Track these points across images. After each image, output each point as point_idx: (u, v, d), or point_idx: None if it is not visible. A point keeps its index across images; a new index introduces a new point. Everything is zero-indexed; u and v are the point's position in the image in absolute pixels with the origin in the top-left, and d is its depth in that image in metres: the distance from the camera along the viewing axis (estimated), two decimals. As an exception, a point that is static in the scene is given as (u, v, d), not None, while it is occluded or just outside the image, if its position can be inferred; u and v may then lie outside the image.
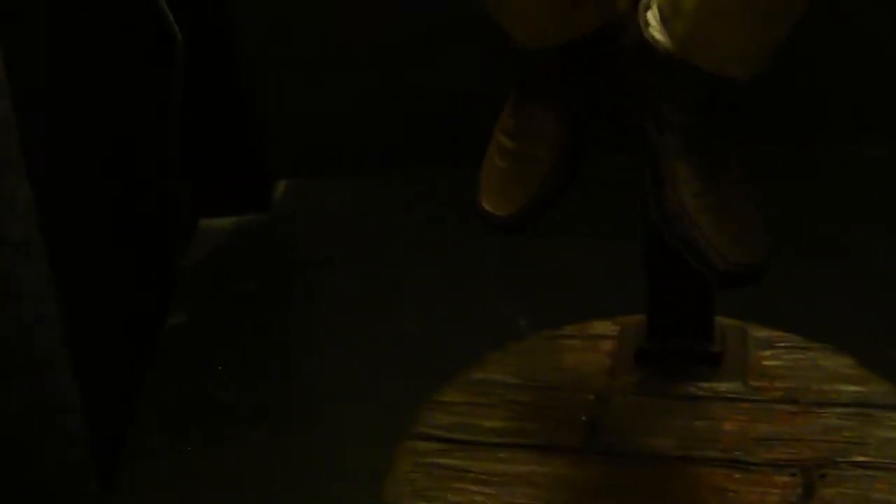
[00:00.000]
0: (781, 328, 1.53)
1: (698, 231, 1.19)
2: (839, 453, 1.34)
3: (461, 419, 1.45)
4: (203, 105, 1.89)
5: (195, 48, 1.83)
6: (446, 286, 1.76)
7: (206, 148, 1.92)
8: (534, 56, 1.26)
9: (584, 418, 1.43)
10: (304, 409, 1.57)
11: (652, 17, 1.20)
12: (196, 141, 1.89)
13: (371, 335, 1.67)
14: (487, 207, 1.32)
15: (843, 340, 1.51)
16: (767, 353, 1.51)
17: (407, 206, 1.95)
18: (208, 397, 1.59)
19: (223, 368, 1.64)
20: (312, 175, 2.02)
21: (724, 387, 1.45)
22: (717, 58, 1.15)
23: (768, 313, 1.55)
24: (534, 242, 1.61)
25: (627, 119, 1.25)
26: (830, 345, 1.50)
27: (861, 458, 1.33)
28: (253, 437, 1.51)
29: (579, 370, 1.51)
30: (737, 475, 1.32)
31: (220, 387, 1.61)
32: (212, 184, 1.95)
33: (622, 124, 1.26)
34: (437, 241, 1.82)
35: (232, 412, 1.57)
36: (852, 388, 1.44)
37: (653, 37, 1.20)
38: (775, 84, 1.31)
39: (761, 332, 1.53)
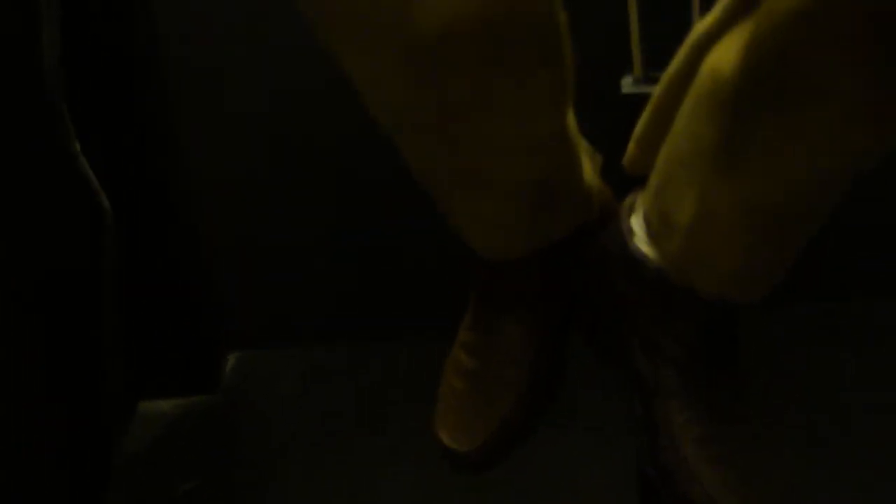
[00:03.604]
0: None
1: (700, 488, 0.97)
2: None
3: None
4: (142, 275, 1.68)
5: (132, 216, 1.63)
6: (413, 485, 1.54)
7: (145, 320, 1.71)
8: (500, 267, 1.04)
9: None
10: None
11: (637, 225, 0.99)
12: (133, 313, 1.68)
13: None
14: (447, 441, 1.09)
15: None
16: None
17: (367, 382, 1.74)
18: None
19: None
20: (265, 347, 1.81)
21: None
22: (717, 280, 0.94)
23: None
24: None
25: (613, 343, 1.03)
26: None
27: None
28: None
29: None
30: None
31: None
32: (151, 361, 1.73)
33: (606, 350, 1.04)
34: (402, 426, 1.60)
35: None
36: None
37: (639, 249, 0.98)
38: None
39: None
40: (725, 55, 0.83)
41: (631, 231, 0.99)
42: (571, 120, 0.96)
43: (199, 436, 1.70)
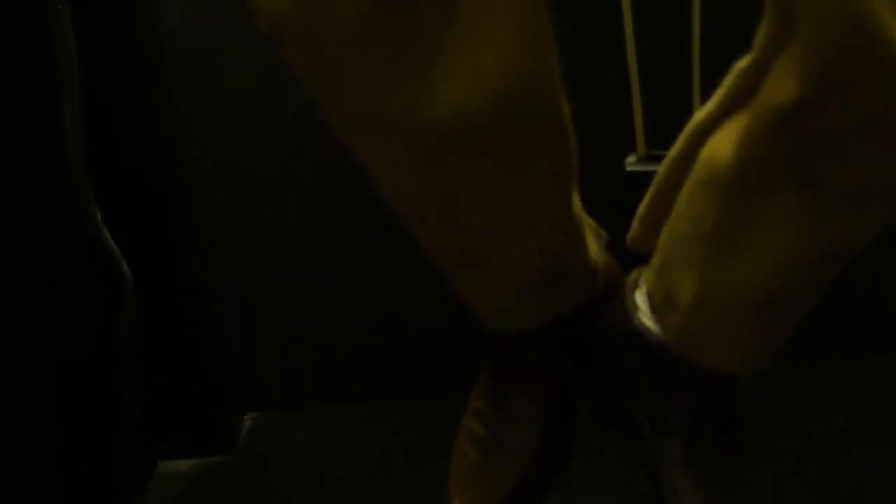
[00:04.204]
0: None
1: (704, 555, 1.00)
2: None
3: None
4: (160, 338, 1.71)
5: (150, 281, 1.67)
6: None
7: (162, 382, 1.74)
8: (509, 339, 1.08)
9: None
10: None
11: (641, 300, 1.02)
12: (151, 375, 1.72)
13: None
14: (457, 505, 1.12)
15: None
16: None
17: (383, 441, 1.76)
18: None
19: None
20: (281, 407, 1.84)
21: None
22: (717, 355, 0.97)
23: None
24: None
25: (619, 412, 1.06)
26: None
27: None
28: None
29: None
30: None
31: None
32: (169, 422, 1.76)
33: (612, 419, 1.07)
34: (420, 485, 1.62)
35: None
36: None
37: (642, 323, 1.01)
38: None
39: None
40: (723, 143, 0.87)
41: (635, 306, 1.03)
42: (576, 200, 0.99)
43: (218, 495, 1.73)
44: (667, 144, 1.00)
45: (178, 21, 1.75)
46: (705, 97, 0.95)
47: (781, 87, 0.78)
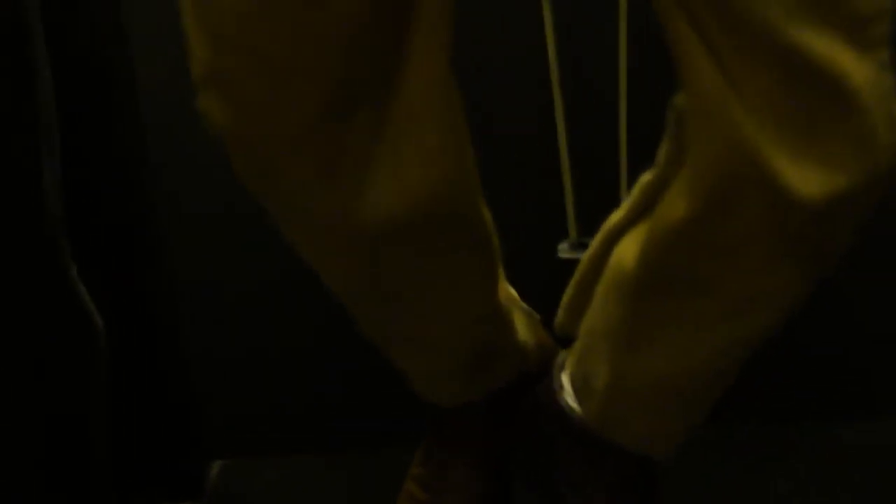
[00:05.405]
0: None
1: None
2: None
3: None
4: (126, 386, 1.76)
5: (120, 330, 1.71)
6: None
7: (131, 431, 1.79)
8: (447, 411, 1.15)
9: None
10: None
11: (566, 381, 1.10)
12: (119, 423, 1.76)
13: None
14: (399, 569, 1.19)
15: None
16: None
17: (351, 489, 1.81)
18: None
19: None
20: (249, 455, 1.89)
21: None
22: (633, 437, 1.04)
23: None
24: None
25: (546, 484, 1.13)
26: None
27: None
28: None
29: None
30: None
31: None
32: (138, 470, 1.81)
33: (541, 487, 1.14)
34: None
35: None
36: None
37: (566, 403, 1.08)
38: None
39: None
40: (627, 251, 0.95)
41: (560, 386, 1.10)
42: (503, 289, 1.07)
43: (185, 542, 1.77)
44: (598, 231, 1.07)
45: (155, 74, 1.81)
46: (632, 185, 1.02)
47: (674, 204, 0.85)
